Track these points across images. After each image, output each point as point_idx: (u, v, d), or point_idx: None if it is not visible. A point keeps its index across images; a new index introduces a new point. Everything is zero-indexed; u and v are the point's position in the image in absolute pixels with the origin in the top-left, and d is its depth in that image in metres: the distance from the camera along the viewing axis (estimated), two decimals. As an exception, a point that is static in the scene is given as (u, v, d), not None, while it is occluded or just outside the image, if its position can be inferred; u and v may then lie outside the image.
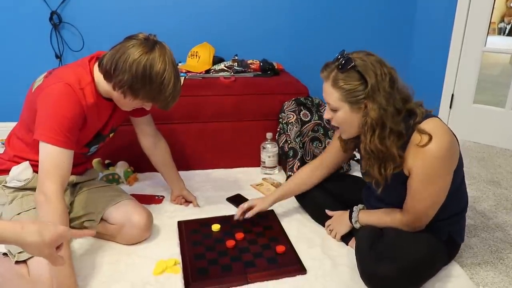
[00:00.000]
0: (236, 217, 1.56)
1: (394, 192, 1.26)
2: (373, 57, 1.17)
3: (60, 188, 1.21)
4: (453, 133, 1.20)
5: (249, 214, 1.56)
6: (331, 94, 1.20)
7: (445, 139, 1.14)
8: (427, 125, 1.16)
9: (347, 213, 1.45)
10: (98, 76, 1.31)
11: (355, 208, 1.43)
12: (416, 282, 1.21)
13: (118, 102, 1.36)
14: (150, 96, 1.30)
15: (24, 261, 1.18)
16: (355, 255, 1.25)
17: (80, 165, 1.51)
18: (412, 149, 1.16)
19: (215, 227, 1.54)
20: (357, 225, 1.40)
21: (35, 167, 1.36)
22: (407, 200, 1.25)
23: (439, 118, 1.21)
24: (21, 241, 0.83)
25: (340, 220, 1.49)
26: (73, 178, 1.49)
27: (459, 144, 1.23)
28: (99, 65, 1.30)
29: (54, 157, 1.22)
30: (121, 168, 1.98)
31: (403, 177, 1.21)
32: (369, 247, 1.22)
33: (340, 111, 1.21)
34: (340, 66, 1.16)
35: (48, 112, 1.23)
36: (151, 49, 1.25)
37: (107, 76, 1.28)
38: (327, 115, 1.27)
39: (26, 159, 1.37)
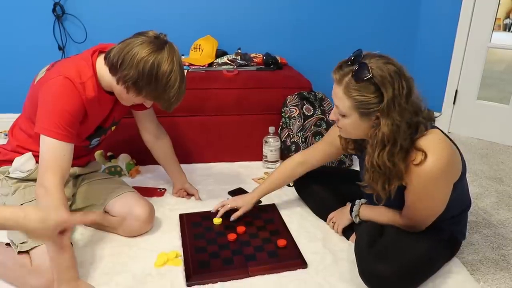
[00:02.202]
0: (213, 210, 1.57)
1: (391, 201, 1.24)
2: (392, 67, 1.07)
3: (60, 181, 1.20)
4: (453, 143, 1.17)
5: (234, 217, 1.54)
6: (341, 100, 1.13)
7: (441, 157, 1.10)
8: (425, 140, 1.11)
9: (348, 206, 1.45)
10: (102, 68, 1.30)
11: (357, 202, 1.42)
12: (415, 281, 1.21)
13: (120, 96, 1.35)
14: (153, 95, 1.30)
15: (27, 252, 1.19)
16: (354, 253, 1.24)
17: (82, 157, 1.52)
18: (409, 165, 1.13)
19: (217, 220, 1.54)
20: (356, 220, 1.40)
21: (37, 158, 1.36)
22: (405, 208, 1.24)
23: (439, 130, 1.16)
24: (23, 228, 0.84)
25: (342, 212, 1.49)
26: (76, 170, 1.50)
27: (460, 153, 1.20)
28: (105, 58, 1.30)
29: (54, 151, 1.22)
30: (123, 160, 1.98)
31: (402, 186, 1.20)
32: (368, 245, 1.21)
33: (348, 118, 1.15)
34: (355, 74, 1.08)
35: (49, 106, 1.23)
36: (160, 49, 1.24)
37: (113, 69, 1.27)
38: (333, 116, 1.21)
39: (29, 150, 1.37)
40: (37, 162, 1.37)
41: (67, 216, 0.91)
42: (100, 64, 1.31)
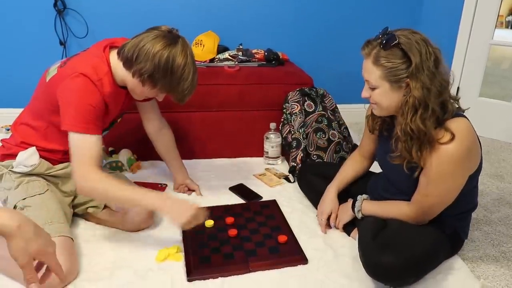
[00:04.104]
0: (323, 228, 1.52)
1: (406, 181, 1.25)
2: (418, 36, 1.12)
3: (99, 169, 1.25)
4: (477, 137, 1.17)
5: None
6: (371, 72, 1.16)
7: (465, 143, 1.11)
8: (454, 123, 1.12)
9: (350, 202, 1.45)
10: (116, 63, 1.33)
11: (358, 197, 1.42)
12: (419, 273, 1.22)
13: (133, 90, 1.37)
14: (168, 88, 1.33)
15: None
16: (358, 246, 1.25)
17: None
18: (434, 143, 1.13)
19: (209, 222, 1.49)
20: (359, 215, 1.39)
21: (41, 152, 1.38)
22: (416, 193, 1.24)
23: (467, 119, 1.17)
24: (8, 238, 0.80)
25: (343, 209, 1.49)
26: None
27: (481, 148, 1.20)
28: (118, 53, 1.32)
29: (85, 145, 1.25)
30: (124, 155, 1.98)
31: (418, 168, 1.19)
32: (372, 237, 1.21)
33: (379, 89, 1.17)
34: (383, 43, 1.12)
35: (73, 103, 1.25)
36: (174, 42, 1.28)
37: (127, 63, 1.30)
38: (365, 93, 1.22)
39: (33, 146, 1.38)
40: (40, 156, 1.37)
41: (52, 253, 0.86)
42: (114, 59, 1.33)
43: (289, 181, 1.93)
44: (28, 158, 1.36)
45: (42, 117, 1.36)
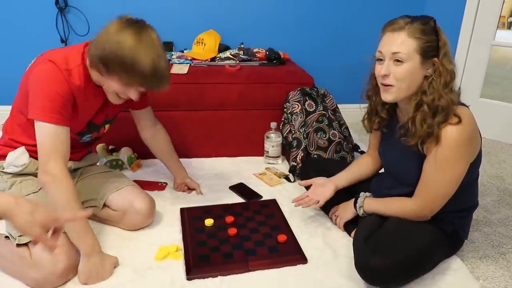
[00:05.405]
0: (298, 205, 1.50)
1: (412, 171, 1.25)
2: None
3: (64, 165, 1.21)
4: (478, 128, 1.19)
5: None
6: (404, 44, 1.14)
7: (468, 128, 1.14)
8: (460, 109, 1.16)
9: (352, 200, 1.45)
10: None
11: (361, 194, 1.42)
12: (410, 276, 1.22)
13: (104, 87, 1.32)
14: (125, 77, 1.22)
15: (26, 244, 1.19)
16: (352, 246, 1.25)
17: (76, 152, 1.49)
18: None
19: (209, 221, 1.51)
20: (361, 211, 1.39)
21: (30, 152, 1.34)
22: (418, 184, 1.24)
23: (469, 109, 1.20)
24: (11, 217, 0.82)
25: (345, 206, 1.49)
26: (71, 164, 1.47)
27: (481, 140, 1.22)
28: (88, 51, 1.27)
29: (52, 135, 1.21)
30: (124, 154, 1.98)
31: (422, 158, 1.21)
32: (365, 238, 1.21)
33: (408, 63, 1.15)
34: (421, 18, 1.16)
35: (39, 91, 1.22)
36: (127, 27, 1.20)
37: (90, 58, 1.25)
38: (385, 70, 1.18)
39: (19, 142, 1.35)
40: (30, 156, 1.35)
41: (58, 215, 0.89)
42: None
43: (289, 180, 1.93)
44: (18, 158, 1.33)
45: (22, 111, 1.32)
